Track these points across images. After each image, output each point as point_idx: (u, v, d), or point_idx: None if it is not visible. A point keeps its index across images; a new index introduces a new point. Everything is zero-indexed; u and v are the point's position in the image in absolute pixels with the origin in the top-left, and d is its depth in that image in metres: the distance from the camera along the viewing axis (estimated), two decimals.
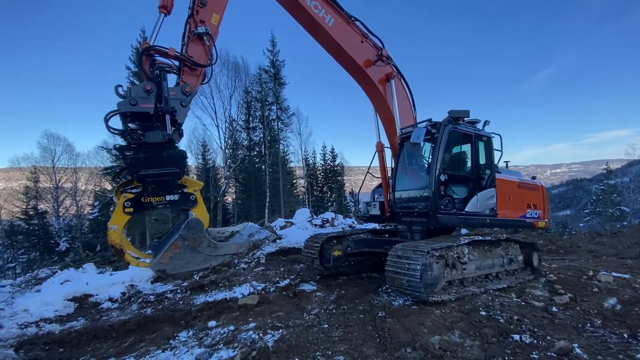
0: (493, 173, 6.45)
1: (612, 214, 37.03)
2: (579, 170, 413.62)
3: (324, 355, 3.65)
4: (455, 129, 6.12)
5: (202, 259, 5.02)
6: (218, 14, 5.75)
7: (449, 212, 5.81)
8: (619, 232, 13.53)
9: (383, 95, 7.30)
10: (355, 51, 7.05)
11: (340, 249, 7.07)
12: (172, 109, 5.02)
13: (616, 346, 3.66)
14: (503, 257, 6.17)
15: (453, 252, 5.36)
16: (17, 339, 4.66)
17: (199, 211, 5.21)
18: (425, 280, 4.81)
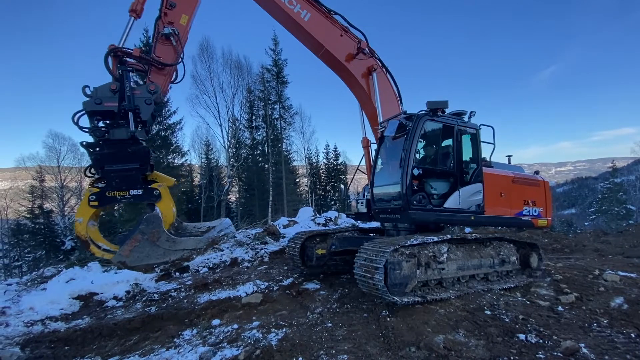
0: (479, 167, 6.05)
1: (617, 212, 36.69)
2: (584, 168, 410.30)
3: (327, 354, 3.64)
4: (433, 121, 5.82)
5: (161, 253, 5.20)
6: (187, 15, 5.80)
7: (424, 208, 5.49)
8: (625, 230, 13.39)
9: (366, 89, 7.09)
10: (334, 46, 6.85)
11: (324, 247, 6.81)
12: (135, 107, 5.17)
13: (623, 346, 3.62)
14: (493, 258, 5.82)
15: (428, 250, 5.03)
16: (23, 336, 4.70)
17: (163, 205, 5.34)
18: (393, 279, 4.54)
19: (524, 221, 6.56)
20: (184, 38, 5.80)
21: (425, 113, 5.77)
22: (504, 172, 6.51)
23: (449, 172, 5.93)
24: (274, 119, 34.41)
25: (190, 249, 4.99)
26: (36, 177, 29.94)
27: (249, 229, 13.19)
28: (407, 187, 5.40)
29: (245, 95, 32.47)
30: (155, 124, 25.76)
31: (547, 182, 7.13)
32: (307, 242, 6.71)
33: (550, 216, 6.94)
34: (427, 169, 5.82)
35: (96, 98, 5.11)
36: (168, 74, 5.76)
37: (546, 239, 11.57)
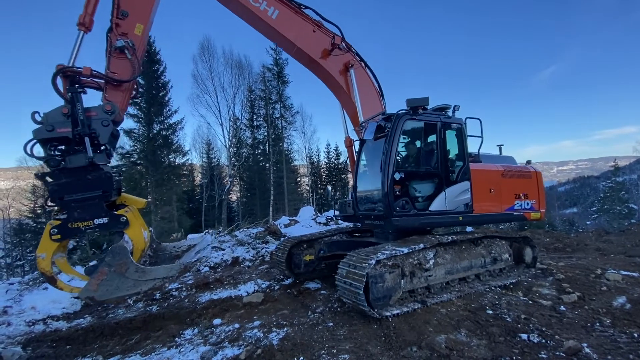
0: (466, 164, 5.76)
1: (619, 211, 36.57)
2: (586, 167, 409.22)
3: (329, 354, 3.63)
4: (413, 120, 5.50)
5: (131, 284, 4.88)
6: (142, 24, 5.38)
7: (407, 214, 5.23)
8: (627, 229, 13.34)
9: (345, 87, 6.72)
10: (306, 43, 6.44)
11: (312, 252, 6.52)
12: (91, 131, 4.84)
13: (626, 346, 3.60)
14: (484, 257, 5.66)
15: (412, 259, 4.79)
16: (24, 336, 4.71)
17: (132, 232, 5.02)
18: (375, 293, 4.31)
19: (516, 216, 6.33)
20: (141, 49, 5.40)
21: (405, 112, 5.48)
22: (493, 166, 6.26)
23: (433, 173, 5.65)
24: (275, 119, 34.41)
25: (162, 277, 4.70)
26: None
27: (250, 228, 13.21)
28: (388, 193, 5.13)
29: (246, 95, 32.47)
30: (157, 123, 25.85)
31: (539, 172, 6.84)
32: (294, 249, 6.44)
33: (543, 208, 6.69)
34: (409, 172, 5.57)
35: (47, 125, 4.78)
36: (126, 90, 5.37)
37: (548, 238, 11.53)
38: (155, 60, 26.56)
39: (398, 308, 4.49)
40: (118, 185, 5.49)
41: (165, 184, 26.30)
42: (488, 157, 6.48)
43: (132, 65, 5.27)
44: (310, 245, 6.61)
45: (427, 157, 5.87)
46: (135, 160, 26.12)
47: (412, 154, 6.02)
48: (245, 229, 13.22)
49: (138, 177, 25.91)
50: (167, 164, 27.12)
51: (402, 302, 4.69)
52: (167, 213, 26.00)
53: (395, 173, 5.19)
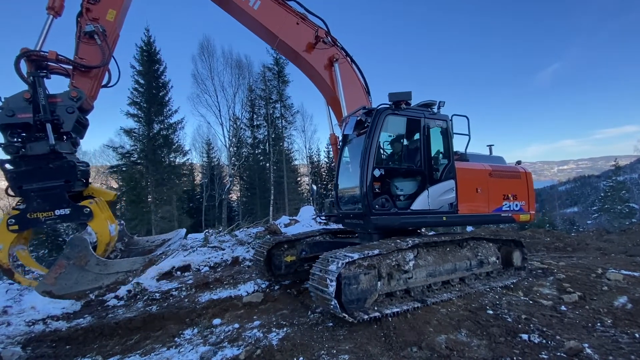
0: (451, 162, 5.57)
1: (620, 210, 36.51)
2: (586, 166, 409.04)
3: (328, 354, 3.62)
4: (395, 115, 5.30)
5: (92, 278, 4.61)
6: (115, 9, 5.17)
7: (387, 212, 5.05)
8: (628, 229, 13.32)
9: (329, 82, 6.51)
10: (289, 35, 6.24)
11: (294, 253, 6.35)
12: (54, 117, 4.63)
13: (628, 346, 3.58)
14: (470, 260, 5.49)
15: (390, 259, 4.60)
16: (24, 336, 4.70)
17: (96, 224, 4.80)
18: (348, 296, 4.13)
19: (504, 217, 6.14)
20: (113, 36, 5.18)
21: (386, 107, 5.28)
22: (480, 165, 6.06)
23: (416, 171, 5.46)
24: (275, 118, 34.41)
25: (125, 271, 4.43)
26: None
27: (250, 228, 13.21)
28: (367, 191, 4.94)
29: (246, 94, 32.50)
30: (157, 122, 25.83)
31: (529, 173, 6.65)
32: (274, 250, 6.28)
33: (533, 210, 6.49)
34: (390, 169, 5.40)
35: (7, 110, 4.54)
36: (95, 77, 5.11)
37: (548, 238, 11.52)
38: (156, 60, 26.57)
39: (374, 311, 4.28)
40: (85, 175, 5.26)
41: (165, 184, 26.31)
42: (476, 156, 6.37)
43: (101, 51, 5.03)
44: (291, 246, 6.43)
45: (409, 154, 5.71)
46: (135, 159, 26.13)
47: (394, 150, 5.85)
48: (245, 229, 13.22)
49: (138, 177, 25.92)
50: (168, 163, 27.14)
51: (380, 305, 4.51)
52: (168, 212, 26.01)
53: (374, 170, 5.02)
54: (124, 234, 5.65)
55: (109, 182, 30.49)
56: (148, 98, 25.72)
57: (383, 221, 5.07)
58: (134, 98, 25.63)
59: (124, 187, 26.12)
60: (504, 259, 6.07)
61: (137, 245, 5.64)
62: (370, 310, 4.28)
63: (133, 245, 5.72)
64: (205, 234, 11.97)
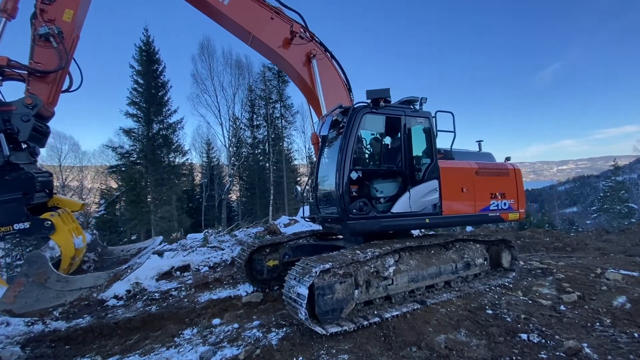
0: (434, 161, 5.35)
1: (619, 211, 36.53)
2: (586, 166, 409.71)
3: (328, 354, 3.62)
4: (373, 114, 5.06)
5: (53, 295, 4.32)
6: (72, 9, 4.82)
7: (365, 216, 4.83)
8: (627, 229, 13.35)
9: (308, 80, 6.20)
10: (263, 31, 5.91)
11: (277, 257, 6.13)
12: (7, 127, 4.38)
13: (627, 346, 3.59)
14: (455, 262, 5.35)
15: (369, 266, 4.41)
16: (23, 336, 4.70)
17: (59, 238, 4.55)
18: (322, 307, 3.92)
19: (492, 217, 5.94)
20: (71, 37, 4.86)
21: (364, 105, 5.05)
22: (465, 163, 5.83)
23: (396, 172, 5.24)
24: (275, 118, 34.41)
25: (89, 287, 4.20)
26: None
27: (250, 228, 13.21)
28: (343, 194, 4.71)
29: (246, 94, 32.51)
30: (156, 122, 25.81)
31: (519, 169, 6.42)
32: (255, 255, 6.07)
33: (523, 208, 6.29)
34: (369, 171, 5.17)
35: None
36: (53, 82, 4.78)
37: (547, 238, 11.54)
38: (155, 59, 26.56)
39: (351, 322, 4.08)
40: (47, 186, 4.99)
41: (165, 184, 26.29)
42: (463, 153, 6.17)
43: (58, 55, 4.70)
44: (274, 250, 6.21)
45: (389, 154, 5.47)
46: (134, 159, 26.11)
47: (373, 151, 5.59)
48: (245, 229, 13.22)
49: (138, 177, 25.91)
50: (167, 163, 27.12)
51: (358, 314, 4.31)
52: (167, 212, 25.99)
53: (351, 172, 4.77)
54: (96, 244, 5.39)
55: (109, 183, 30.51)
56: (147, 98, 25.70)
57: (361, 226, 4.85)
58: (133, 98, 25.61)
59: (124, 187, 26.12)
60: (492, 260, 5.96)
61: (112, 255, 5.38)
62: (345, 321, 4.08)
63: (107, 255, 5.46)
64: (204, 234, 11.98)
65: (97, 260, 5.27)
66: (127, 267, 4.45)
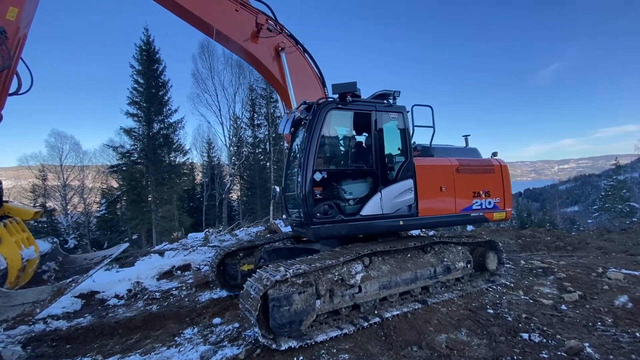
0: (408, 159, 4.99)
1: (621, 210, 36.49)
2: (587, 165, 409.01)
3: (328, 353, 3.62)
4: (339, 109, 4.73)
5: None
6: (16, 7, 4.55)
7: (331, 220, 4.49)
8: (629, 228, 13.33)
9: (279, 76, 5.83)
10: (226, 24, 5.52)
11: (252, 262, 5.86)
12: None
13: (628, 345, 3.57)
14: (434, 266, 5.03)
15: (332, 274, 4.08)
16: (24, 335, 4.70)
17: (4, 250, 4.31)
18: (277, 320, 3.61)
19: (474, 217, 5.56)
20: (17, 36, 4.61)
21: (329, 101, 4.75)
22: (445, 161, 5.46)
23: (366, 172, 4.88)
24: (276, 117, 34.35)
25: (32, 302, 3.96)
26: (39, 175, 30.06)
27: (250, 227, 13.21)
28: (306, 197, 4.39)
29: (247, 94, 32.46)
30: (157, 122, 25.82)
31: (505, 165, 5.97)
32: (228, 259, 5.77)
33: (509, 207, 5.91)
34: (335, 171, 4.80)
35: None
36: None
37: (549, 237, 11.51)
38: (155, 59, 26.54)
39: (314, 335, 3.84)
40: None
41: (165, 183, 26.30)
42: (445, 149, 5.82)
43: (0, 55, 4.40)
44: (249, 254, 5.93)
45: (358, 152, 5.15)
46: (135, 159, 26.13)
47: (340, 149, 5.19)
48: (245, 228, 13.22)
49: (139, 176, 25.93)
50: (168, 163, 27.12)
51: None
52: (168, 212, 26.00)
53: (315, 173, 4.44)
54: (57, 252, 5.26)
55: (109, 182, 30.56)
56: (148, 97, 25.68)
57: (326, 230, 4.50)
58: (133, 97, 25.60)
59: (125, 187, 26.15)
60: (477, 262, 5.66)
61: (74, 264, 5.20)
62: (305, 334, 3.82)
63: (69, 264, 5.26)
64: (205, 233, 11.98)
65: (59, 269, 5.06)
66: (71, 281, 4.11)
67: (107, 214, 27.34)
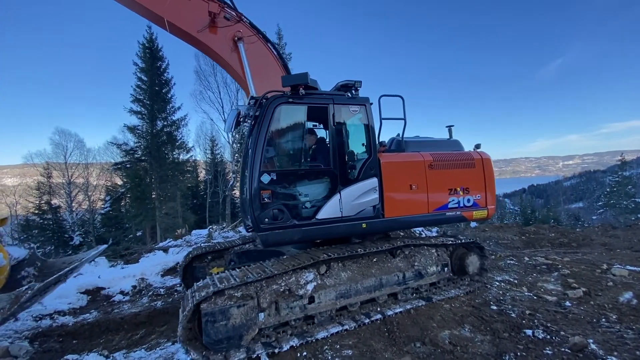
0: (372, 156, 4.56)
1: (626, 206, 36.16)
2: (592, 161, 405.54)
3: (332, 349, 3.64)
4: (290, 104, 4.27)
5: None
6: None
7: (282, 225, 4.09)
8: (634, 224, 13.20)
9: (239, 69, 5.39)
10: (177, 14, 5.07)
11: (222, 264, 5.54)
12: None
13: (633, 342, 3.56)
14: (403, 271, 4.66)
15: (278, 285, 3.77)
16: (32, 331, 4.77)
17: None
18: (211, 336, 3.32)
19: (450, 217, 5.08)
20: None
21: (278, 94, 4.28)
22: (416, 156, 4.98)
23: (323, 171, 4.43)
24: None
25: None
26: (44, 173, 30.29)
27: None
28: (252, 201, 4.01)
29: None
30: (160, 119, 25.90)
31: (487, 159, 5.45)
32: (196, 262, 5.44)
33: (492, 204, 5.40)
34: (286, 172, 4.33)
35: None
36: None
37: (553, 233, 11.44)
38: (158, 57, 26.53)
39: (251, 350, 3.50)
40: None
41: (169, 180, 26.41)
42: (421, 143, 5.36)
43: None
44: (219, 256, 5.60)
45: (314, 150, 4.79)
46: (139, 156, 26.24)
47: (293, 148, 4.67)
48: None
49: (142, 174, 26.04)
50: (171, 160, 27.20)
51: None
52: (172, 209, 26.14)
53: (263, 175, 4.05)
54: (35, 257, 5.25)
55: (114, 179, 30.74)
56: (151, 95, 25.72)
57: (275, 237, 4.09)
58: (137, 95, 25.66)
59: (129, 184, 26.29)
60: (456, 265, 5.23)
61: (52, 268, 5.15)
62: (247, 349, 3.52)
63: (47, 268, 5.18)
64: (209, 230, 12.05)
65: (37, 274, 5.02)
66: (27, 289, 3.96)
67: (112, 211, 27.51)
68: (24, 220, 30.33)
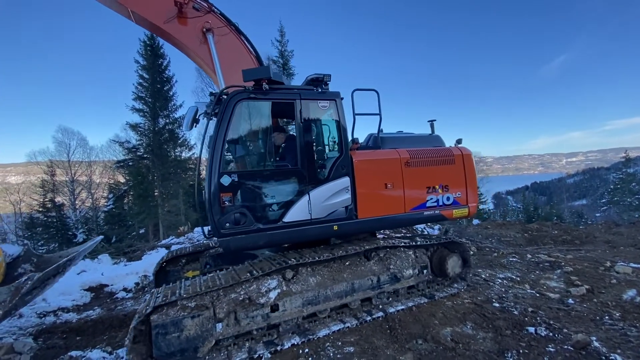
0: (344, 154, 4.30)
1: (630, 203, 35.96)
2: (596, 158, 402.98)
3: (333, 346, 3.65)
4: (252, 100, 3.99)
5: None
6: None
7: (245, 230, 3.82)
8: (638, 221, 13.13)
9: (210, 62, 5.05)
10: (142, 4, 4.71)
11: (197, 267, 5.33)
12: None
13: (636, 340, 3.54)
14: (377, 275, 4.43)
15: (237, 293, 3.56)
16: (36, 327, 4.81)
17: None
18: (162, 348, 3.11)
19: (429, 216, 4.85)
20: None
21: (239, 90, 3.95)
22: (392, 153, 4.73)
23: (290, 171, 4.15)
24: None
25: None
26: (47, 171, 30.45)
27: None
28: (211, 204, 3.77)
29: None
30: (162, 117, 25.96)
31: (468, 154, 5.21)
32: (169, 266, 5.20)
33: (474, 202, 5.17)
34: (249, 173, 4.06)
35: None
36: None
37: (556, 231, 11.40)
38: (159, 54, 26.53)
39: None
40: None
41: (171, 178, 26.48)
42: (399, 139, 5.13)
43: None
44: (194, 259, 5.37)
45: (280, 149, 4.58)
46: (141, 154, 26.33)
47: (257, 147, 4.42)
48: None
49: (145, 171, 26.13)
50: (174, 158, 27.27)
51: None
52: (174, 207, 26.22)
53: (223, 176, 3.78)
54: (30, 254, 5.26)
55: (116, 177, 30.88)
56: (153, 93, 25.74)
57: (238, 242, 3.84)
58: (138, 93, 25.70)
59: (131, 182, 26.39)
60: (436, 267, 4.99)
61: (49, 263, 5.20)
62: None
63: (44, 263, 5.17)
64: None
65: (34, 270, 5.02)
66: (26, 279, 3.95)
67: (115, 208, 27.63)
68: (28, 217, 30.58)
